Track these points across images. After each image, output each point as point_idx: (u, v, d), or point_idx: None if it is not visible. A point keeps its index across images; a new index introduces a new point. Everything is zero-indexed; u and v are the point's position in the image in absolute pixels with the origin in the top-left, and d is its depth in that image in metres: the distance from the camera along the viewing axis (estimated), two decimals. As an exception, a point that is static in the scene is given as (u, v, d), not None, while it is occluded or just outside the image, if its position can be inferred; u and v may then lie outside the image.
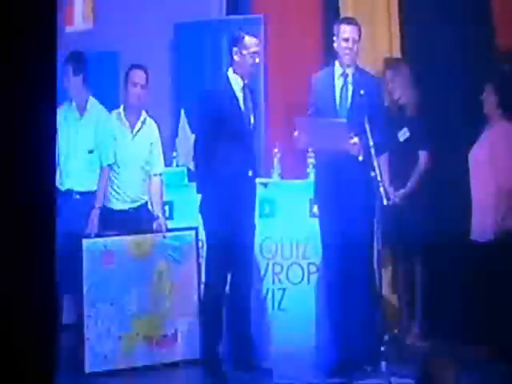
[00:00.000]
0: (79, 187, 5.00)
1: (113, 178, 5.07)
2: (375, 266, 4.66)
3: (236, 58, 4.82)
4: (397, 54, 5.64)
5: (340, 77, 4.77)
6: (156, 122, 5.20)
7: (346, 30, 4.73)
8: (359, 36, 4.74)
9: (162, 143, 5.24)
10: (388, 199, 4.58)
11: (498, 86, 4.98)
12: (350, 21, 4.82)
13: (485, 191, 4.96)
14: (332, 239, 4.73)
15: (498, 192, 4.90)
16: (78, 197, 4.98)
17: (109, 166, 5.03)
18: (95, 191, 5.01)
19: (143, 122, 5.13)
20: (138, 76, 5.07)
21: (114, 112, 5.13)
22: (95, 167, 5.03)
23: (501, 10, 5.32)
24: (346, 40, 4.72)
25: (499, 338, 4.73)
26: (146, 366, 4.89)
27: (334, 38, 4.79)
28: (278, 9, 6.04)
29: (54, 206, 3.40)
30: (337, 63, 4.80)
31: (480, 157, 5.00)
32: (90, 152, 5.00)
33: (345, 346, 4.70)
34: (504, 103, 4.94)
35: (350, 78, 4.71)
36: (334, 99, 4.75)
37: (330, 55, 5.58)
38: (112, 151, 5.03)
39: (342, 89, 4.75)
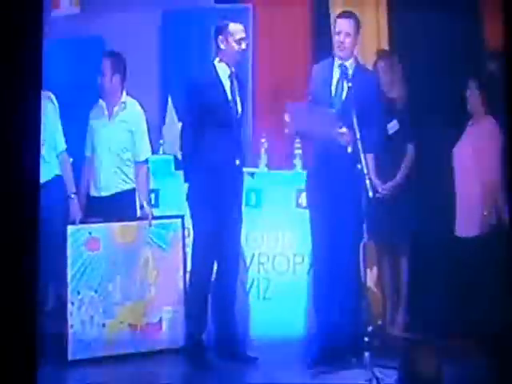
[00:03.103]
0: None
1: (91, 164, 5.07)
2: (361, 257, 4.67)
3: (222, 46, 4.83)
4: (384, 47, 5.63)
5: (338, 68, 4.78)
6: (143, 108, 5.17)
7: (339, 24, 4.75)
8: (355, 29, 4.74)
9: (149, 130, 5.20)
10: (375, 192, 4.59)
11: (483, 84, 4.99)
12: (344, 14, 4.82)
13: (469, 186, 4.98)
14: (321, 229, 4.73)
15: (481, 187, 4.92)
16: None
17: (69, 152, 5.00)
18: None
19: (121, 107, 5.08)
20: (104, 65, 5.06)
21: (99, 102, 5.12)
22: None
23: (489, 8, 5.34)
24: (338, 33, 4.74)
25: (482, 331, 4.75)
26: (130, 353, 4.88)
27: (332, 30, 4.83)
28: (266, -2, 6.03)
29: (38, 193, 3.38)
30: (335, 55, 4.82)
31: (464, 152, 5.02)
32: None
33: (329, 336, 4.71)
34: (488, 101, 4.95)
35: (349, 71, 4.73)
36: (330, 90, 4.77)
37: (318, 45, 5.60)
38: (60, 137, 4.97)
39: (338, 80, 4.77)
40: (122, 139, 5.07)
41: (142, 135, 5.11)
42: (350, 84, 4.67)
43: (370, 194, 4.46)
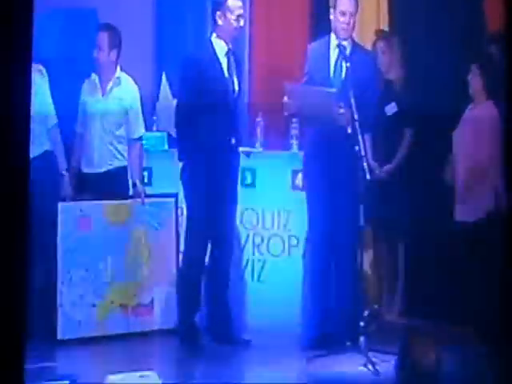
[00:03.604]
0: None
1: (82, 141, 4.97)
2: (358, 241, 4.62)
3: (220, 22, 4.74)
4: (384, 28, 5.54)
5: (336, 48, 4.72)
6: (137, 84, 5.07)
7: (343, 3, 4.67)
8: (357, 9, 4.69)
9: (142, 106, 5.10)
10: (372, 175, 4.54)
11: (484, 67, 4.92)
12: None
13: (468, 171, 4.92)
14: (317, 211, 4.69)
15: (481, 172, 4.86)
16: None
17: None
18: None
19: (115, 83, 4.98)
20: (101, 39, 4.95)
21: (92, 76, 5.01)
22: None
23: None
24: (343, 13, 4.66)
25: (479, 318, 4.70)
26: (121, 334, 4.81)
27: (331, 10, 4.72)
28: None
29: (27, 168, 3.29)
30: (332, 34, 4.75)
31: (463, 136, 4.95)
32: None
33: (325, 320, 4.68)
34: (489, 84, 4.88)
35: (347, 51, 4.67)
36: (329, 70, 4.72)
37: (316, 23, 5.51)
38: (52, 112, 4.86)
39: (336, 60, 4.71)
40: (116, 116, 4.98)
41: (136, 112, 5.02)
42: (348, 64, 4.62)
43: (368, 176, 4.42)
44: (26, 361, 3.18)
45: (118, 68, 5.00)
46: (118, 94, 4.98)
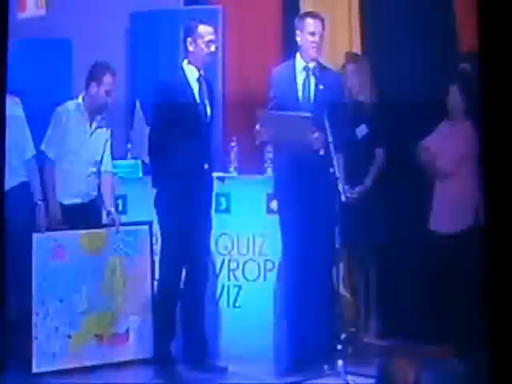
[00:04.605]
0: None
1: (64, 170, 4.92)
2: (333, 264, 4.61)
3: (191, 48, 4.76)
4: (357, 50, 5.59)
5: (302, 71, 4.74)
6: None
7: (311, 24, 4.71)
8: (323, 30, 4.73)
9: (117, 135, 5.10)
10: (345, 196, 4.54)
11: (462, 86, 4.96)
12: (315, 14, 4.79)
13: (445, 184, 4.95)
14: (292, 235, 4.68)
15: (458, 185, 4.88)
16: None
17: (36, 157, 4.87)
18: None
19: (102, 120, 4.98)
20: (108, 83, 4.89)
21: (72, 103, 4.97)
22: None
23: (464, 9, 5.30)
24: (312, 34, 4.70)
25: (457, 337, 4.69)
26: (97, 365, 4.76)
27: (298, 32, 4.75)
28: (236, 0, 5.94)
29: (2, 200, 3.27)
30: (298, 56, 4.77)
31: (438, 147, 4.98)
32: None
33: (301, 344, 4.66)
34: (468, 102, 4.91)
35: (311, 72, 4.69)
36: (297, 93, 4.73)
37: (289, 47, 5.53)
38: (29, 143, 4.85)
39: (304, 83, 4.73)
40: (100, 149, 4.97)
41: (109, 145, 5.02)
42: (316, 85, 4.64)
43: (343, 197, 4.43)
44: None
45: None
46: (103, 129, 4.98)
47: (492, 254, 3.82)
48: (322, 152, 4.52)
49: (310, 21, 4.71)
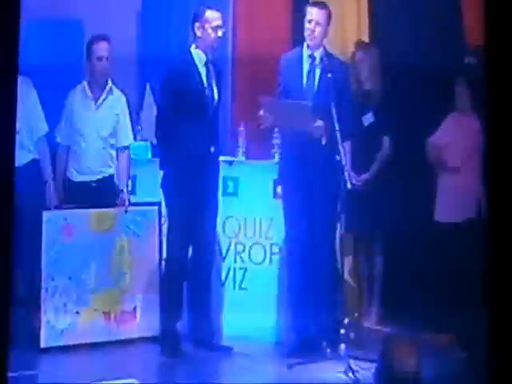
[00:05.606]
0: None
1: (75, 149, 4.97)
2: (338, 249, 4.66)
3: (198, 33, 4.79)
4: (365, 39, 5.61)
5: (308, 58, 4.77)
6: (123, 93, 5.11)
7: (310, 12, 4.75)
8: (326, 20, 4.75)
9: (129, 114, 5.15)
10: (351, 184, 4.58)
11: (469, 79, 4.99)
12: (317, 4, 4.81)
13: (449, 175, 4.98)
14: (295, 221, 4.72)
15: (463, 177, 4.92)
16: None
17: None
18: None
19: (108, 93, 5.02)
20: (102, 49, 4.94)
21: (79, 86, 5.02)
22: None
23: (470, 2, 5.33)
24: (309, 21, 4.75)
25: (458, 325, 4.75)
26: (104, 341, 4.82)
27: (305, 19, 4.78)
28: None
29: (12, 177, 3.32)
30: (305, 44, 4.81)
31: (445, 140, 5.01)
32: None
33: (304, 327, 4.70)
34: (474, 95, 4.94)
35: (317, 61, 4.73)
36: (302, 81, 4.76)
37: (298, 33, 5.56)
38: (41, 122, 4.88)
39: (309, 71, 4.76)
40: (109, 124, 5.01)
41: (126, 121, 5.07)
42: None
43: (349, 185, 4.45)
44: (9, 369, 3.21)
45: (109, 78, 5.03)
46: (110, 103, 5.02)
47: (495, 244, 3.87)
48: (323, 141, 4.56)
49: (310, 9, 4.77)
